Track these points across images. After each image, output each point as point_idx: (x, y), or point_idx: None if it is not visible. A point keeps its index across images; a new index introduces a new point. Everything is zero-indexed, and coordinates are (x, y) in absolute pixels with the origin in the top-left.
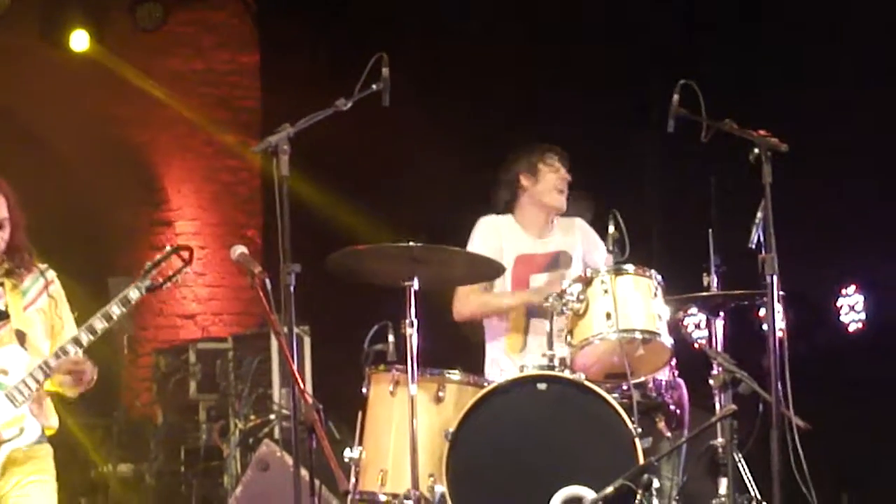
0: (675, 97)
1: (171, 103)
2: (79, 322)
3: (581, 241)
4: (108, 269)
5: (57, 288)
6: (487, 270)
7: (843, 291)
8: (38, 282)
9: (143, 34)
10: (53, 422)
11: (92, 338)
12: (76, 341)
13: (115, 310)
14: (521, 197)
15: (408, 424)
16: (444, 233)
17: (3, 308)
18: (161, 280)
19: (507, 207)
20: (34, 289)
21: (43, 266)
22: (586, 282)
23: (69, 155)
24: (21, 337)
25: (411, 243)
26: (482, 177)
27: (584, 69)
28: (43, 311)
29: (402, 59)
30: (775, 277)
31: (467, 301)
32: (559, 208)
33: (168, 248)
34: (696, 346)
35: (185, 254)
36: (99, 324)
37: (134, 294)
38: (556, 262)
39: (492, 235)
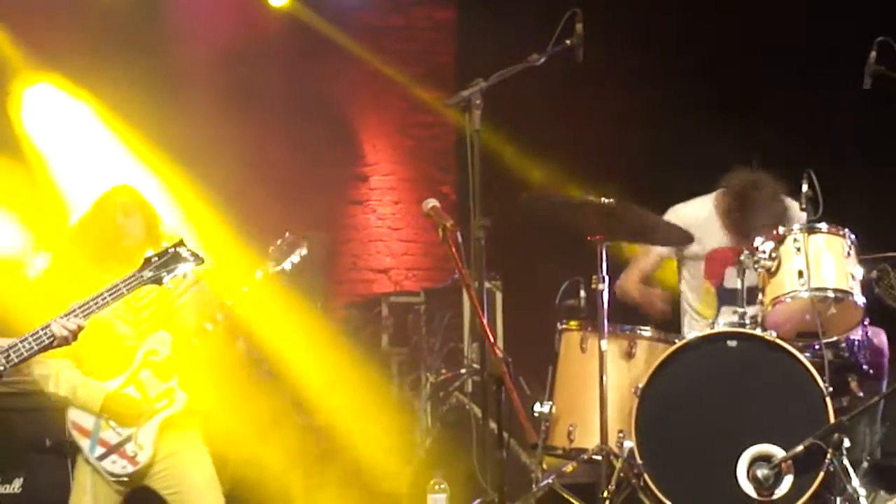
0: (872, 54)
1: (367, 58)
2: None
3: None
4: (307, 224)
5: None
6: (676, 237)
7: None
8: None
9: None
10: (203, 398)
11: None
12: None
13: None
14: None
15: (598, 380)
16: (634, 192)
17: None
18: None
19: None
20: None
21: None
22: (779, 240)
23: (267, 110)
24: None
25: (605, 200)
26: (679, 139)
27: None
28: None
29: (598, 13)
30: None
31: (629, 281)
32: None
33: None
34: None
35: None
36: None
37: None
38: None
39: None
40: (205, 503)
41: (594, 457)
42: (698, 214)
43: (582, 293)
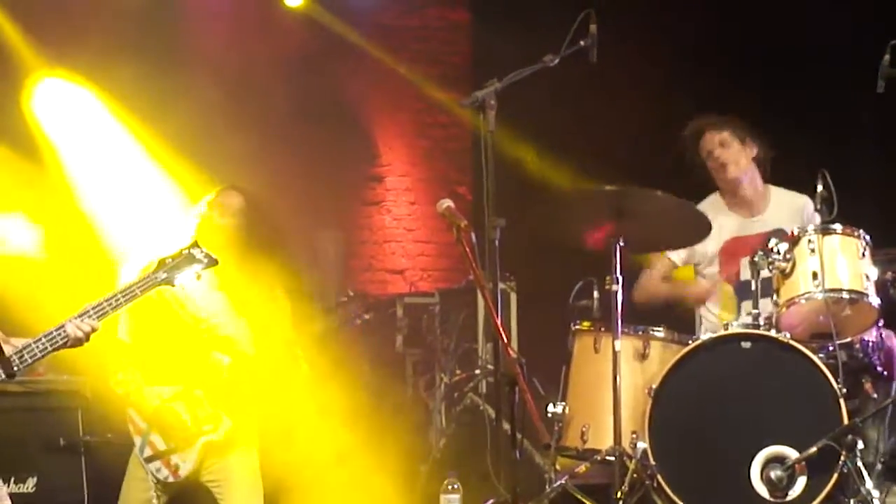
0: (886, 57)
1: (382, 59)
2: None
3: (798, 223)
4: (318, 223)
5: None
6: (694, 224)
7: None
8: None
9: None
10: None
11: None
12: None
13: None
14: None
15: (611, 381)
16: None
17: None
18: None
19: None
20: None
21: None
22: (793, 241)
23: (281, 110)
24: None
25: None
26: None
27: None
28: None
29: (613, 14)
30: None
31: (653, 282)
32: (730, 182)
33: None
34: None
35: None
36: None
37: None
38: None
39: None
40: (248, 498)
41: (607, 458)
42: (704, 208)
43: (595, 294)
